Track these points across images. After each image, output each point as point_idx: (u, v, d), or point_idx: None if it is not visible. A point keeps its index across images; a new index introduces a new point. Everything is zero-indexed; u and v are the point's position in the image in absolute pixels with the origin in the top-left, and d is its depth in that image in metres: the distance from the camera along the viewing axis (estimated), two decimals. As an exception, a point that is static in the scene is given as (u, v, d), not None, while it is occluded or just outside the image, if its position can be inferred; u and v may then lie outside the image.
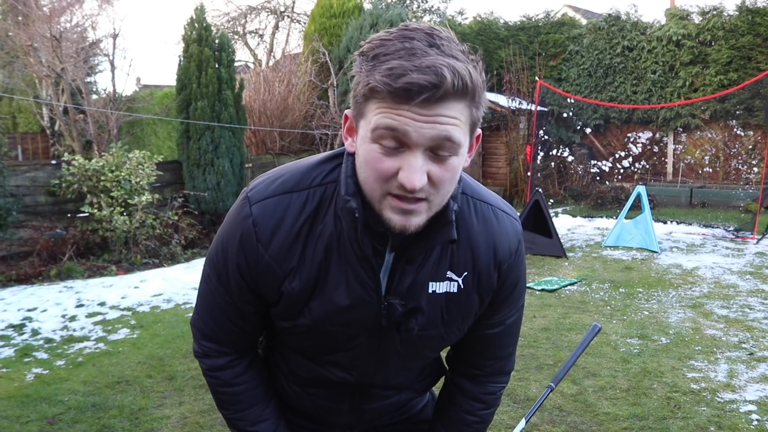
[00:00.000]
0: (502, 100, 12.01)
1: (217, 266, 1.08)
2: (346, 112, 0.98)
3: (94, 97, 11.39)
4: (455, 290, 1.06)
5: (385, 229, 0.95)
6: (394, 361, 1.13)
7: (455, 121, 0.87)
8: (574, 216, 10.40)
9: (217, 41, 8.30)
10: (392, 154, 0.88)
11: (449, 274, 1.05)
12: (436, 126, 0.85)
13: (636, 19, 12.40)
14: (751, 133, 11.21)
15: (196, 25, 8.14)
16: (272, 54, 17.79)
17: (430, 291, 1.05)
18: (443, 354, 1.32)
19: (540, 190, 7.29)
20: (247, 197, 1.03)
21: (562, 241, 7.47)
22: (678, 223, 9.31)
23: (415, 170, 0.86)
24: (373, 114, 0.88)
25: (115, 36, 9.92)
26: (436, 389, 1.36)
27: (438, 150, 0.88)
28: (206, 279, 1.12)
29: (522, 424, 1.35)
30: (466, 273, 1.06)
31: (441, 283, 1.05)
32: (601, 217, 10.18)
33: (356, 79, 0.91)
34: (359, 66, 0.89)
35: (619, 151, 12.48)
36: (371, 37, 0.90)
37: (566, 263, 6.89)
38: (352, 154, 0.98)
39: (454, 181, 0.93)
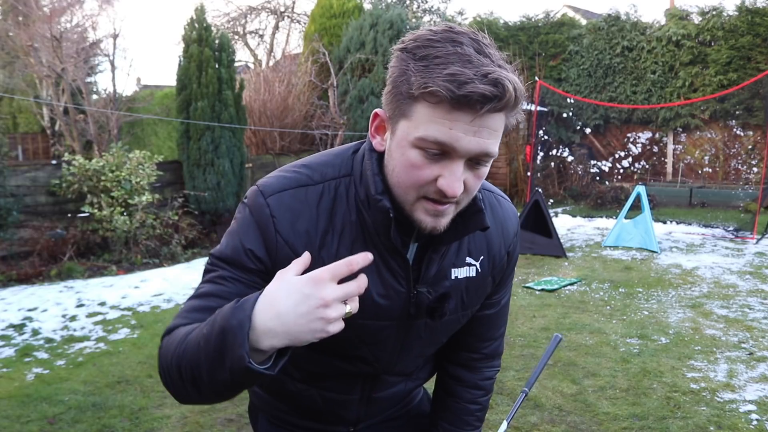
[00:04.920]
0: (502, 100, 11.99)
1: (230, 258, 0.98)
2: (377, 110, 0.96)
3: (95, 97, 11.38)
4: (474, 274, 1.11)
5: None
6: (416, 348, 1.16)
7: (495, 135, 0.89)
8: (574, 216, 10.41)
9: (217, 41, 8.30)
10: (433, 161, 0.89)
11: (468, 259, 1.10)
12: (479, 141, 0.87)
13: (636, 20, 12.42)
14: (751, 133, 11.23)
15: (196, 25, 8.14)
16: (272, 54, 17.80)
17: (452, 277, 1.08)
18: None
19: (540, 190, 7.29)
20: (260, 191, 0.99)
21: (561, 241, 7.47)
22: (678, 223, 9.32)
23: (457, 178, 0.89)
24: (422, 120, 0.87)
25: (115, 36, 9.92)
26: (428, 387, 1.37)
27: (476, 160, 0.91)
28: (209, 278, 0.99)
29: (504, 425, 1.38)
30: (482, 257, 1.11)
31: (461, 268, 1.09)
32: (601, 217, 10.19)
33: (400, 78, 0.89)
34: (405, 63, 0.88)
35: (618, 151, 12.49)
36: (415, 35, 0.89)
37: (566, 263, 6.90)
38: (381, 153, 0.98)
39: (480, 186, 0.97)
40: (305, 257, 0.86)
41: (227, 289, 0.96)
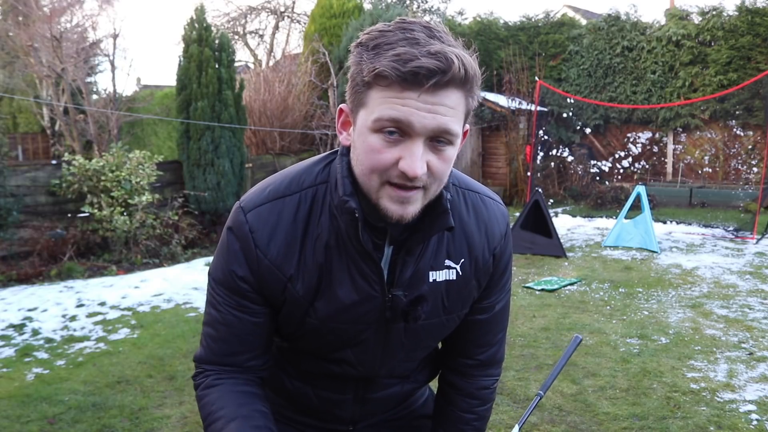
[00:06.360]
0: (502, 100, 12.01)
1: (222, 282, 1.06)
2: (341, 106, 0.99)
3: (95, 97, 11.39)
4: (454, 277, 1.09)
5: (385, 223, 0.98)
6: (399, 352, 1.15)
7: (454, 112, 0.89)
8: (574, 216, 10.41)
9: (217, 41, 8.30)
10: (393, 144, 0.90)
11: (447, 262, 1.08)
12: (436, 117, 0.88)
13: (636, 20, 12.41)
14: (751, 133, 11.22)
15: (196, 25, 8.15)
16: (272, 54, 17.81)
17: (430, 280, 1.07)
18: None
19: (540, 190, 7.29)
20: (241, 207, 1.04)
21: (561, 241, 7.47)
22: (678, 223, 9.32)
23: (416, 158, 0.89)
24: (376, 103, 0.89)
25: (115, 36, 9.93)
26: (434, 386, 1.37)
27: (437, 140, 0.90)
28: (212, 302, 1.09)
29: (516, 429, 1.36)
30: (463, 260, 1.09)
31: (440, 271, 1.08)
32: (601, 217, 10.18)
33: (355, 69, 0.92)
34: (359, 56, 0.91)
35: (618, 151, 12.49)
36: (369, 29, 0.92)
37: (566, 263, 6.90)
38: (348, 149, 1.00)
39: (448, 171, 0.96)
40: None
41: (225, 316, 1.07)
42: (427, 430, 1.35)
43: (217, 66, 8.15)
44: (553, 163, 12.31)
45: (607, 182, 11.95)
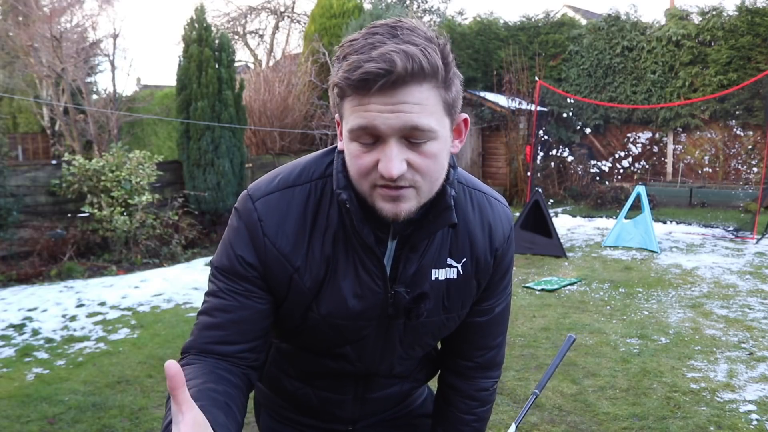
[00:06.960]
0: (502, 100, 12.01)
1: (228, 268, 1.03)
2: (336, 116, 1.00)
3: (95, 97, 11.39)
4: (455, 276, 1.09)
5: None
6: (399, 349, 1.15)
7: (419, 108, 0.88)
8: (574, 216, 10.41)
9: (217, 41, 8.31)
10: (370, 149, 0.91)
11: (449, 260, 1.08)
12: (400, 115, 0.87)
13: (636, 20, 12.41)
14: (751, 133, 11.22)
15: (196, 25, 8.15)
16: (272, 54, 17.82)
17: (433, 278, 1.07)
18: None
19: (540, 190, 7.29)
20: (249, 195, 1.03)
21: (561, 241, 7.47)
22: (678, 223, 9.32)
23: (390, 159, 0.88)
24: (347, 114, 0.91)
25: (115, 36, 9.94)
26: (434, 385, 1.37)
27: (410, 138, 0.89)
28: (213, 291, 1.04)
29: (512, 428, 1.36)
30: (465, 259, 1.09)
31: (442, 269, 1.07)
32: (601, 217, 10.19)
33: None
34: (334, 69, 0.92)
35: (618, 151, 12.49)
36: (343, 40, 0.92)
37: (566, 263, 6.90)
38: (342, 152, 1.01)
39: (438, 166, 0.94)
40: None
41: (228, 302, 1.02)
42: (427, 429, 1.35)
43: (217, 66, 8.15)
44: (553, 163, 12.32)
45: (607, 182, 11.96)
